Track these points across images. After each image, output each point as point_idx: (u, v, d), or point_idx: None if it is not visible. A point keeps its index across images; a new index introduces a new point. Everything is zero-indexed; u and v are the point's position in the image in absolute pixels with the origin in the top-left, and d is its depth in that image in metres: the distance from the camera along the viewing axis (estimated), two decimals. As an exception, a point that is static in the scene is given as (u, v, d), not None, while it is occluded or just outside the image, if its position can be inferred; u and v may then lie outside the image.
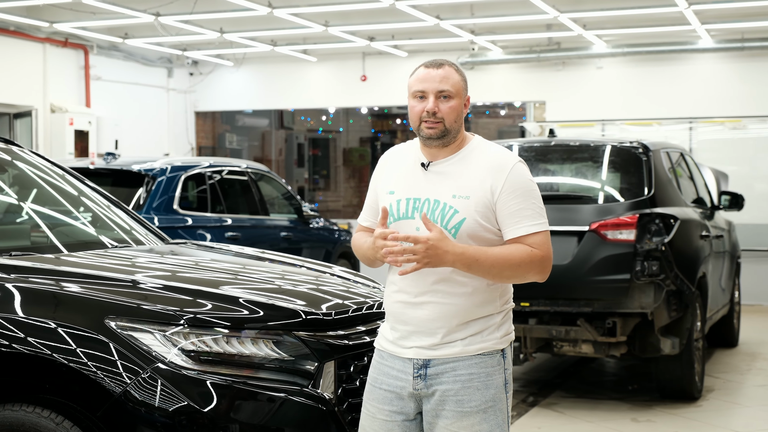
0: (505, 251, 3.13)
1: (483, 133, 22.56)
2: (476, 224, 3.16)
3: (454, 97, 3.21)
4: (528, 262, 3.14)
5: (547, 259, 3.19)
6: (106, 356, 3.53)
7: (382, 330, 3.34)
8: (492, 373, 3.19)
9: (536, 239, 3.16)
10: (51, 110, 14.17)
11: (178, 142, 17.43)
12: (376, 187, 3.36)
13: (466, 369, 3.18)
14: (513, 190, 3.16)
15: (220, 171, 9.82)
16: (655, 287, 6.90)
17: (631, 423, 6.85)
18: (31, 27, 13.74)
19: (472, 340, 3.18)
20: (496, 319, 3.22)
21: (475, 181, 3.18)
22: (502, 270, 3.13)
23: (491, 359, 3.20)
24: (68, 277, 3.90)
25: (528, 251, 3.14)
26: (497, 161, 3.21)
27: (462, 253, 3.08)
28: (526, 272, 3.16)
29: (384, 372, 3.28)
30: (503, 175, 3.17)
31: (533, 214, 3.18)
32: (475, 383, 3.17)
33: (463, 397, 3.17)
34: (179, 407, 3.49)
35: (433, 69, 3.23)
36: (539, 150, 7.85)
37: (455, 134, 3.23)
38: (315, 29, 14.01)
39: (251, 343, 3.65)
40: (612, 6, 12.90)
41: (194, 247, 5.31)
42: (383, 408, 3.26)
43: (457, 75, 3.24)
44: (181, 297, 3.79)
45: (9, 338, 3.60)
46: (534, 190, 3.22)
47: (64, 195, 5.21)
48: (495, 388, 3.19)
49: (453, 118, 3.21)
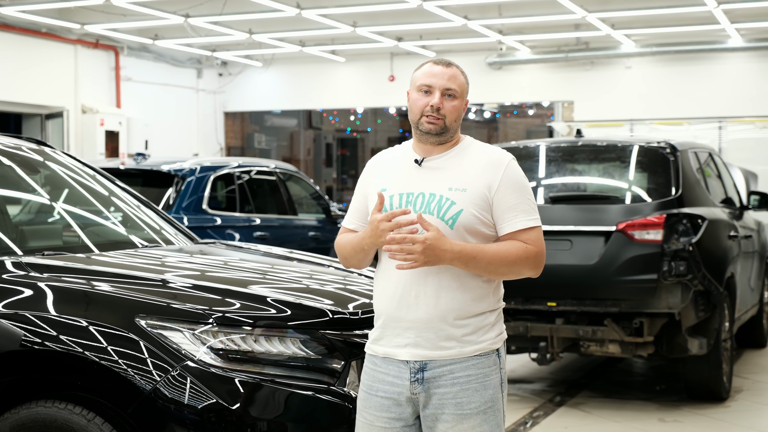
0: (502, 248, 3.16)
1: (511, 132, 22.55)
2: (473, 217, 3.17)
3: (458, 98, 3.25)
4: (524, 259, 3.18)
5: (541, 255, 3.23)
6: (136, 354, 3.58)
7: (373, 334, 3.30)
8: (489, 374, 3.20)
9: (531, 235, 3.20)
10: (82, 111, 14.33)
11: (207, 142, 17.56)
12: (365, 189, 3.34)
13: (463, 371, 3.17)
14: (510, 185, 3.20)
15: (249, 171, 9.88)
16: (682, 287, 6.89)
17: (658, 423, 6.85)
18: (62, 29, 13.90)
19: (468, 341, 3.18)
20: (490, 318, 3.23)
21: (472, 176, 3.20)
22: (498, 266, 3.15)
23: (488, 359, 3.21)
24: (99, 277, 3.97)
25: (523, 248, 3.18)
26: (493, 157, 3.24)
27: (460, 251, 3.09)
28: (521, 268, 3.20)
29: (379, 379, 3.25)
30: (500, 171, 3.20)
31: (528, 210, 3.21)
32: (474, 385, 3.18)
33: (462, 400, 3.17)
34: (208, 404, 3.54)
35: (442, 66, 3.27)
36: (566, 150, 7.85)
37: (452, 133, 3.26)
38: (343, 30, 14.08)
39: (279, 341, 3.69)
40: (640, 5, 12.87)
41: (223, 247, 5.37)
42: (381, 415, 3.23)
43: (462, 77, 3.29)
44: (210, 296, 3.84)
45: (41, 336, 3.67)
46: (527, 186, 3.26)
47: (95, 195, 5.28)
48: (493, 389, 3.21)
49: (454, 117, 3.24)
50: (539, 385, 8.07)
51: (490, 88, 16.93)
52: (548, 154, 7.76)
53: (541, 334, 7.19)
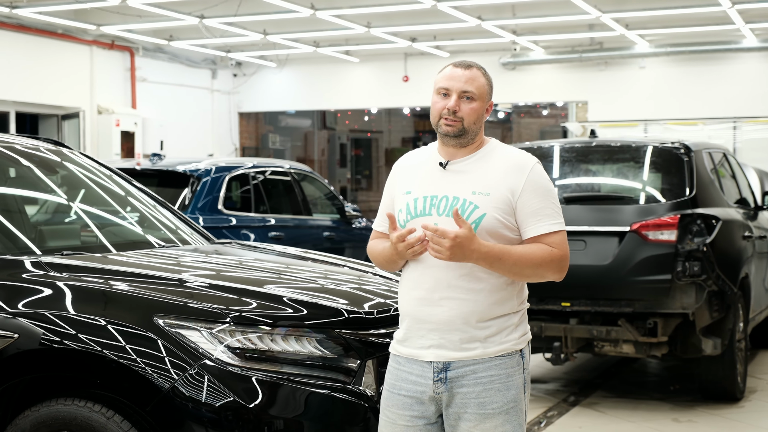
0: (528, 250, 3.17)
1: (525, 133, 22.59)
2: (495, 221, 3.18)
3: (477, 100, 3.24)
4: (548, 262, 3.19)
5: (565, 259, 3.24)
6: (154, 353, 3.62)
7: (397, 334, 3.34)
8: (512, 374, 3.22)
9: (555, 238, 3.21)
10: (98, 111, 14.42)
11: (221, 142, 17.63)
12: (392, 192, 3.40)
13: (486, 371, 3.20)
14: (533, 189, 3.21)
15: (264, 171, 9.92)
16: (696, 288, 6.90)
17: (672, 423, 6.86)
18: (78, 30, 13.99)
19: (492, 342, 3.21)
20: (514, 319, 3.25)
21: (495, 180, 3.21)
22: (523, 268, 3.17)
23: (511, 360, 3.23)
24: (118, 276, 4.01)
25: (548, 251, 3.19)
26: (517, 161, 3.25)
27: (487, 251, 3.11)
28: (545, 271, 3.21)
29: (402, 378, 3.28)
30: (524, 175, 3.21)
31: (552, 214, 3.22)
32: (496, 385, 3.20)
33: (485, 399, 3.19)
34: (225, 402, 3.58)
35: (462, 69, 3.27)
36: (580, 150, 7.87)
37: (473, 135, 3.26)
38: (357, 30, 14.12)
39: (295, 340, 3.72)
40: (654, 6, 12.87)
41: (239, 247, 5.40)
42: (404, 414, 3.26)
43: (483, 78, 3.27)
44: (226, 296, 3.88)
45: (61, 335, 3.71)
46: (552, 190, 3.26)
47: (113, 195, 5.33)
48: (515, 389, 3.22)
49: (473, 120, 3.24)
50: (553, 385, 8.09)
51: (504, 88, 16.95)
52: (562, 155, 7.78)
53: (555, 334, 7.21)
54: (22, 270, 4.01)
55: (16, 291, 3.90)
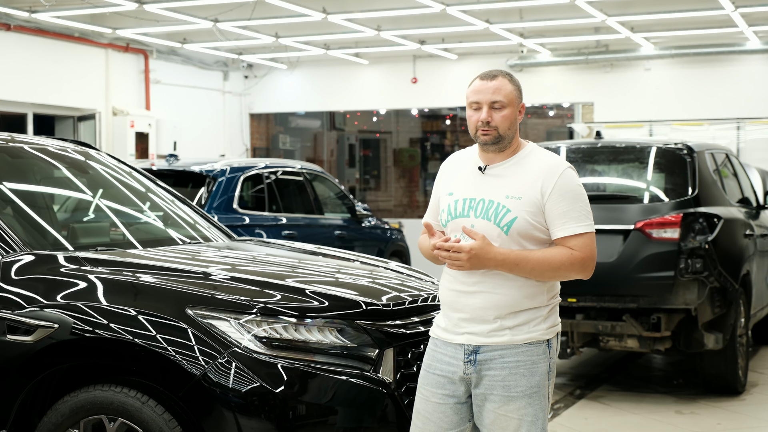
0: (546, 255, 3.41)
1: (532, 133, 22.70)
2: (526, 223, 3.43)
3: (507, 107, 3.48)
4: (568, 265, 3.42)
5: (589, 260, 3.44)
6: (186, 342, 3.85)
7: (437, 319, 3.64)
8: (537, 362, 3.47)
9: (579, 241, 3.42)
10: (113, 113, 14.66)
11: (233, 143, 17.85)
12: (438, 191, 3.68)
13: (513, 357, 3.45)
14: (562, 193, 3.43)
15: (276, 171, 10.12)
16: (698, 284, 7.11)
17: (675, 415, 7.08)
18: (94, 33, 14.23)
19: (520, 330, 3.45)
20: (543, 311, 3.49)
21: (527, 184, 3.45)
22: (543, 272, 3.42)
23: (537, 348, 3.47)
24: (150, 270, 4.21)
25: (568, 254, 3.41)
26: (549, 165, 3.48)
27: (504, 259, 3.38)
28: (567, 273, 3.44)
29: (437, 358, 3.56)
30: (554, 179, 3.44)
31: (579, 216, 3.43)
32: (521, 370, 3.44)
33: (510, 383, 3.43)
34: (253, 388, 3.80)
35: (487, 81, 3.51)
36: (586, 151, 8.08)
37: (510, 140, 3.51)
38: (367, 33, 14.33)
39: (317, 330, 3.95)
40: (659, 9, 13.05)
41: (260, 244, 5.65)
42: (436, 392, 3.53)
43: (510, 85, 3.51)
44: (252, 288, 4.10)
45: (98, 325, 3.93)
46: (582, 194, 3.48)
47: (138, 195, 5.55)
48: (539, 375, 3.47)
49: (506, 126, 3.48)
50: (560, 379, 8.31)
51: (512, 89, 17.11)
52: (569, 155, 7.99)
53: (561, 329, 7.41)
54: (59, 264, 4.22)
55: (55, 284, 4.12)
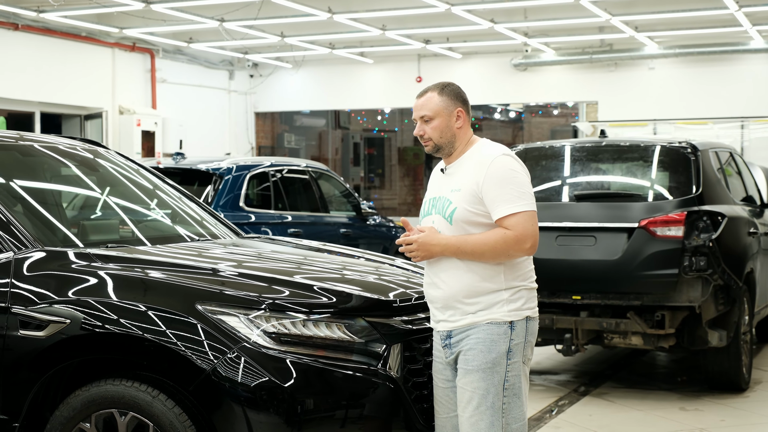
0: (482, 237, 3.78)
1: (536, 132, 22.75)
2: (465, 211, 3.81)
3: (435, 118, 3.91)
4: (502, 243, 3.76)
5: (524, 237, 3.76)
6: (197, 337, 3.89)
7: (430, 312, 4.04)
8: (497, 341, 3.81)
9: (512, 221, 3.76)
10: (119, 112, 14.73)
11: (238, 141, 17.92)
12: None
13: (476, 334, 3.82)
14: (493, 179, 3.78)
15: (282, 170, 10.16)
16: (702, 282, 7.15)
17: (679, 411, 7.12)
18: (101, 33, 14.30)
19: (482, 312, 3.81)
20: (504, 295, 3.83)
21: (467, 176, 3.85)
22: (483, 252, 3.77)
23: (498, 328, 3.80)
24: (159, 267, 4.26)
25: (501, 234, 3.76)
26: (484, 156, 3.86)
27: (446, 244, 3.79)
28: (505, 251, 3.78)
29: (435, 347, 3.99)
30: (485, 167, 3.80)
31: (510, 198, 3.77)
32: (480, 346, 3.80)
33: (468, 357, 3.82)
34: (262, 382, 3.85)
35: (418, 98, 3.98)
36: (591, 150, 8.12)
37: (450, 146, 3.95)
38: (372, 33, 14.38)
39: (326, 326, 4.00)
40: (663, 9, 13.09)
41: (268, 241, 5.69)
42: (440, 377, 3.97)
43: (437, 97, 3.94)
44: (261, 284, 4.14)
45: (108, 320, 3.98)
46: (514, 177, 3.81)
47: (147, 192, 5.60)
48: (497, 354, 3.80)
49: (438, 135, 3.92)
50: (564, 376, 8.36)
51: (516, 88, 17.20)
52: (573, 154, 8.03)
53: (566, 327, 7.47)
54: (70, 261, 4.26)
55: (66, 280, 4.16)
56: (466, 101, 3.97)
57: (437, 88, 3.93)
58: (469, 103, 4.03)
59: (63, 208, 5.33)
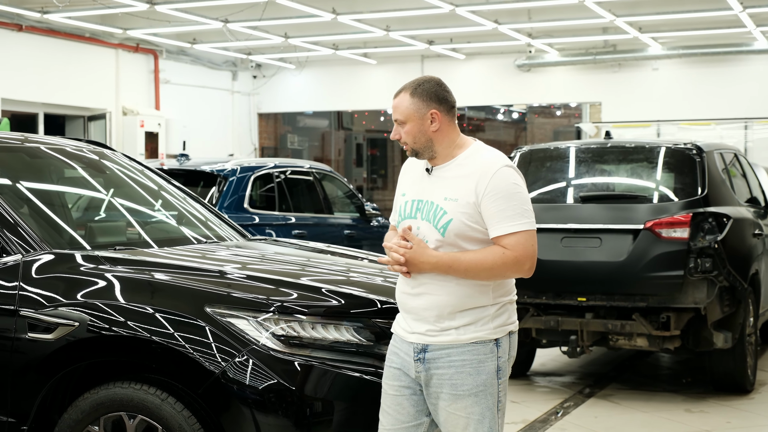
0: (479, 255, 3.42)
1: (539, 133, 22.75)
2: (462, 224, 3.44)
3: (407, 122, 3.51)
4: (500, 264, 3.41)
5: (523, 258, 3.41)
6: (206, 340, 3.90)
7: (397, 317, 3.68)
8: (484, 360, 3.47)
9: (512, 240, 3.40)
10: (123, 113, 14.74)
11: (241, 142, 17.93)
12: (397, 191, 3.72)
13: (459, 356, 3.46)
14: (495, 192, 3.41)
15: (286, 171, 10.16)
16: (708, 283, 7.15)
17: (684, 413, 7.12)
18: (105, 33, 14.31)
19: (466, 330, 3.47)
20: (490, 311, 3.49)
21: (464, 185, 3.46)
22: (477, 273, 3.42)
23: (484, 347, 3.47)
24: (168, 269, 4.27)
25: (500, 254, 3.40)
26: (484, 165, 3.47)
27: (436, 262, 3.42)
28: (502, 272, 3.44)
29: (394, 352, 3.62)
30: (487, 179, 3.42)
31: (513, 215, 3.41)
32: (468, 369, 3.46)
33: (456, 381, 3.46)
34: (271, 385, 3.86)
35: (393, 99, 3.57)
36: (596, 151, 8.12)
37: (429, 149, 3.52)
38: (376, 33, 14.38)
39: (333, 329, 4.01)
40: (667, 9, 13.09)
41: (273, 243, 5.70)
42: (393, 384, 3.58)
43: (408, 99, 3.52)
44: (269, 287, 4.15)
45: (118, 323, 3.99)
46: (517, 193, 3.45)
47: (154, 194, 5.60)
48: (486, 374, 3.47)
49: (411, 139, 3.52)
50: (570, 378, 8.36)
51: (519, 89, 17.20)
52: (578, 155, 8.03)
53: (571, 328, 7.46)
54: (78, 263, 4.27)
55: (75, 283, 4.17)
56: (443, 100, 3.50)
57: (410, 88, 3.51)
58: (451, 100, 3.54)
59: (70, 211, 5.33)
